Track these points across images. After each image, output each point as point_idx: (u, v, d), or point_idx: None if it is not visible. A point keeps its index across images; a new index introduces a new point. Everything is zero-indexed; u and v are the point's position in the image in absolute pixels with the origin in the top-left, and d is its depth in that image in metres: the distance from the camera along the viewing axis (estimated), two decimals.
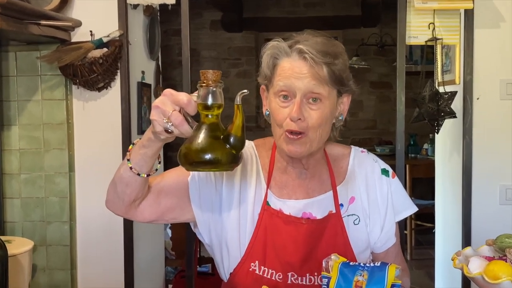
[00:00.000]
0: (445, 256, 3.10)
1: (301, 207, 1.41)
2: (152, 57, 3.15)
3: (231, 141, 1.08)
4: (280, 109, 1.33)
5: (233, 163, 1.10)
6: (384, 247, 1.48)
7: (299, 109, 1.29)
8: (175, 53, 6.40)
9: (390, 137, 6.34)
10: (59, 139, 2.75)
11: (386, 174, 1.48)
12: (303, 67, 1.29)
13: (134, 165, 1.23)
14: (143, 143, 1.21)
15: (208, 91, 1.05)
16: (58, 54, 2.59)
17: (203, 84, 1.06)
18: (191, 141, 1.08)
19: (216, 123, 1.08)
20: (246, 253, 1.39)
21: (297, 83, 1.29)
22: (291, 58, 1.31)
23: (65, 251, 2.76)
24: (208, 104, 1.06)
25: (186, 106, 1.07)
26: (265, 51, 1.36)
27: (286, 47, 1.32)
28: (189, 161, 1.08)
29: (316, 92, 1.29)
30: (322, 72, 1.29)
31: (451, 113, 2.58)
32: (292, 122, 1.30)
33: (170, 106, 1.08)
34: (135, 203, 1.35)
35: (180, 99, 1.07)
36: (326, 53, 1.29)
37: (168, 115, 1.07)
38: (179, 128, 1.08)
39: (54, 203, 2.76)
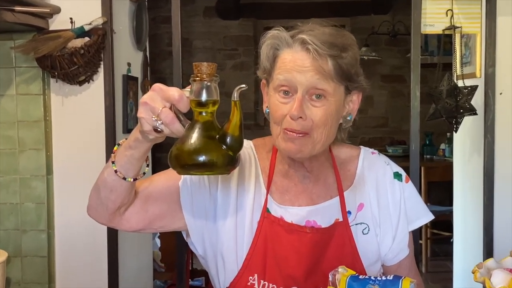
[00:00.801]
0: (464, 268, 3.09)
1: (304, 215, 1.41)
2: (139, 48, 3.14)
3: (227, 141, 1.08)
4: (279, 105, 1.32)
5: (229, 165, 1.10)
6: (396, 259, 1.48)
7: (300, 106, 1.28)
8: (164, 43, 6.40)
9: (403, 137, 6.35)
10: (35, 139, 2.74)
11: (399, 178, 1.48)
12: (305, 59, 1.28)
13: (119, 168, 1.23)
14: (129, 144, 1.20)
15: (202, 86, 1.05)
16: (35, 44, 2.59)
17: (196, 78, 1.06)
18: (183, 141, 1.07)
19: (210, 121, 1.08)
20: (244, 265, 1.39)
21: (299, 77, 1.28)
22: (293, 50, 1.31)
23: (42, 263, 2.76)
24: (202, 100, 1.06)
25: (178, 103, 1.07)
26: (264, 41, 1.36)
27: (287, 37, 1.31)
28: (180, 164, 1.08)
29: (319, 87, 1.29)
30: (326, 65, 1.29)
31: (471, 109, 2.58)
32: (292, 121, 1.30)
33: (160, 102, 1.07)
34: (120, 210, 1.35)
35: (170, 95, 1.07)
36: (332, 45, 1.29)
37: (158, 113, 1.07)
38: (169, 127, 1.08)
39: (30, 209, 2.75)
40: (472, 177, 2.90)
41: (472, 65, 2.72)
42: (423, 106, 2.62)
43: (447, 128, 5.02)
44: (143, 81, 3.17)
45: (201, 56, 6.62)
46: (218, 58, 6.65)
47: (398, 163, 1.54)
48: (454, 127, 2.62)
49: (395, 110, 6.62)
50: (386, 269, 1.49)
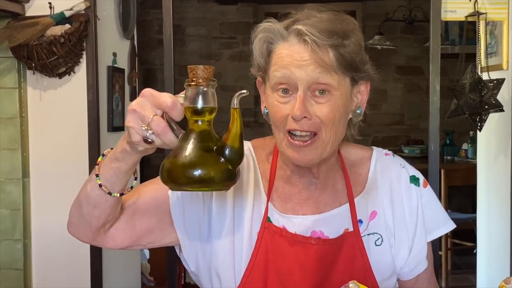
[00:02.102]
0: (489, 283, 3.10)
1: (309, 225, 1.40)
2: (126, 36, 3.14)
3: (226, 153, 1.07)
4: (279, 105, 1.31)
5: (228, 180, 1.08)
6: (413, 273, 1.47)
7: (303, 105, 1.27)
8: (154, 30, 6.40)
9: (420, 136, 6.35)
10: (10, 137, 2.75)
11: (416, 182, 1.48)
12: (303, 52, 1.27)
13: (104, 182, 1.22)
14: (115, 155, 1.19)
15: (198, 91, 1.04)
16: (9, 32, 2.59)
17: (191, 83, 1.05)
18: (176, 153, 1.06)
19: (207, 130, 1.07)
20: (243, 282, 1.38)
21: (298, 72, 1.27)
22: (288, 42, 1.29)
23: (17, 276, 2.76)
24: (197, 107, 1.05)
25: (171, 110, 1.05)
26: (256, 35, 1.34)
27: (281, 29, 1.30)
28: (173, 179, 1.07)
29: (322, 82, 1.28)
30: (327, 57, 1.27)
31: (497, 105, 2.58)
32: (295, 122, 1.29)
33: (150, 109, 1.06)
34: (105, 227, 1.34)
35: (162, 101, 1.05)
36: (332, 33, 1.28)
37: (148, 121, 1.05)
38: (161, 137, 1.06)
39: (4, 216, 2.76)
40: (498, 180, 2.90)
41: (498, 56, 2.71)
42: (443, 101, 2.61)
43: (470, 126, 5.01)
44: (130, 73, 3.17)
45: (194, 45, 6.63)
46: (214, 47, 6.65)
47: (415, 165, 1.53)
48: (478, 125, 2.62)
49: (411, 105, 6.62)
50: (402, 285, 1.49)
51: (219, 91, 1.09)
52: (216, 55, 6.66)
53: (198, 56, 6.63)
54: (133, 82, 3.19)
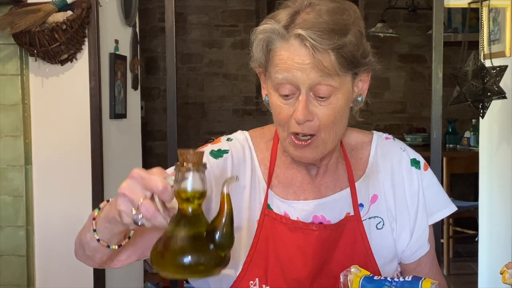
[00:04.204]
0: (491, 269, 3.11)
1: (311, 210, 1.41)
2: (128, 23, 3.14)
3: (216, 238, 1.04)
4: (282, 106, 1.32)
5: (219, 266, 1.06)
6: (415, 256, 1.48)
7: (305, 109, 1.28)
8: (156, 18, 6.39)
9: (423, 124, 6.35)
10: (12, 124, 2.75)
11: (416, 165, 1.48)
12: (304, 55, 1.27)
13: (101, 237, 1.19)
14: (108, 218, 1.15)
15: (188, 176, 1.02)
16: (11, 18, 2.59)
17: (182, 167, 1.03)
18: (165, 238, 1.04)
19: (197, 214, 1.05)
20: (244, 269, 1.39)
21: (300, 75, 1.27)
22: (288, 44, 1.28)
23: (20, 262, 2.77)
24: (188, 191, 1.03)
25: (161, 194, 1.02)
26: (255, 36, 1.34)
27: (281, 30, 1.29)
28: (163, 265, 1.04)
29: (324, 84, 1.28)
30: (328, 60, 1.27)
31: (500, 92, 2.58)
32: (298, 125, 1.30)
33: (140, 193, 1.02)
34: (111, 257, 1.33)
35: (153, 186, 1.02)
36: (332, 32, 1.26)
37: (138, 205, 1.02)
38: (151, 221, 1.03)
39: (7, 203, 2.76)
40: (500, 168, 2.90)
41: (501, 43, 2.71)
42: (446, 89, 2.61)
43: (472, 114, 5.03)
44: (132, 60, 3.17)
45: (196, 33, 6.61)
46: (215, 35, 6.64)
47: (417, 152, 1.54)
48: (480, 113, 2.62)
49: (414, 94, 6.62)
50: (404, 268, 1.49)
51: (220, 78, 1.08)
52: (218, 43, 6.64)
53: (201, 44, 6.63)
54: (135, 69, 3.19)
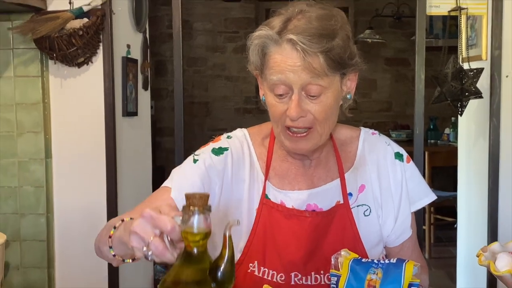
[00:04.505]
0: (468, 253, 3.10)
1: (305, 198, 1.41)
2: (139, 29, 3.13)
3: (218, 276, 1.04)
4: (276, 104, 1.33)
5: None
6: (399, 240, 1.48)
7: (298, 107, 1.29)
8: (164, 25, 6.38)
9: (407, 121, 6.35)
10: (34, 121, 2.74)
11: (400, 158, 1.49)
12: (295, 58, 1.27)
13: (116, 253, 1.20)
14: (121, 241, 1.15)
15: (194, 218, 1.02)
16: (33, 25, 2.58)
17: (188, 209, 1.03)
18: (173, 273, 1.04)
19: (202, 252, 1.05)
20: (244, 253, 1.40)
21: (292, 76, 1.28)
22: (281, 48, 1.29)
23: (41, 247, 2.77)
24: (194, 232, 1.02)
25: (169, 233, 1.02)
26: (251, 41, 1.34)
27: (274, 35, 1.29)
28: None
29: (314, 84, 1.29)
30: (317, 62, 1.27)
31: (476, 92, 2.58)
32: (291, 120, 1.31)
33: (150, 231, 1.02)
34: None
35: (162, 226, 1.01)
36: (321, 36, 1.27)
37: (148, 242, 1.02)
38: (160, 258, 1.03)
39: (29, 193, 2.76)
40: (477, 161, 2.90)
41: (478, 48, 2.71)
42: (427, 90, 2.61)
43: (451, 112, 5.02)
44: (143, 63, 3.16)
45: (201, 39, 6.60)
46: (218, 41, 6.63)
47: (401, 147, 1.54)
48: (459, 111, 2.61)
49: (399, 94, 6.62)
50: (389, 251, 1.50)
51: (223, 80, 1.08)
52: (221, 48, 6.64)
53: (205, 48, 6.62)
54: (145, 72, 3.18)
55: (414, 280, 1.19)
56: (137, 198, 3.04)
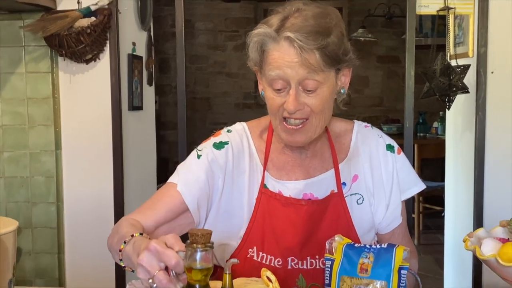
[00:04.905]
0: (455, 240, 3.11)
1: (301, 188, 1.41)
2: (144, 28, 3.12)
3: None
4: (274, 98, 1.33)
5: None
6: (390, 227, 1.48)
7: (295, 101, 1.29)
8: (168, 24, 6.36)
9: (397, 115, 6.35)
10: (44, 115, 2.74)
11: (391, 150, 1.48)
12: (293, 55, 1.27)
13: (126, 265, 1.19)
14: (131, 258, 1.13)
15: (197, 254, 1.01)
16: (43, 24, 2.57)
17: (192, 245, 1.02)
18: None
19: (204, 286, 1.04)
20: (244, 239, 1.40)
21: (290, 72, 1.28)
22: (279, 45, 1.29)
23: (51, 234, 2.77)
24: (196, 268, 1.02)
25: (174, 268, 1.02)
26: (251, 39, 1.34)
27: (272, 33, 1.29)
28: None
29: (311, 79, 1.29)
30: (314, 58, 1.27)
31: (463, 88, 2.57)
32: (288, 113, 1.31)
33: (156, 265, 1.02)
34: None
35: (167, 260, 1.01)
36: (317, 34, 1.27)
37: (153, 275, 1.01)
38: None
39: (40, 183, 2.76)
40: (464, 153, 2.90)
41: (465, 45, 2.70)
42: (417, 86, 2.61)
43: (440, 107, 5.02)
44: (148, 60, 3.16)
45: (203, 37, 6.59)
46: (219, 40, 6.61)
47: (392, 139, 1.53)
48: (447, 105, 2.61)
49: (390, 90, 6.61)
50: (380, 237, 1.50)
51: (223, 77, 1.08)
52: (222, 46, 6.62)
53: (206, 47, 6.60)
54: (150, 68, 3.17)
55: (404, 264, 1.19)
56: (142, 187, 3.05)
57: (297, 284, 1.39)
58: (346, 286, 1.20)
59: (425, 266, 4.42)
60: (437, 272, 4.14)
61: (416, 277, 1.29)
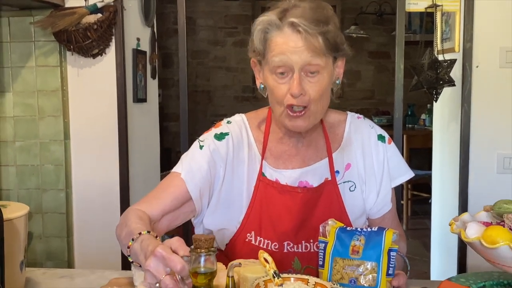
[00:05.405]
0: (441, 225, 3.12)
1: (297, 176, 1.41)
2: (147, 24, 3.11)
3: None
4: (278, 86, 1.31)
5: None
6: (380, 212, 1.48)
7: (299, 85, 1.28)
8: (170, 21, 6.34)
9: (387, 108, 6.34)
10: (53, 107, 2.73)
11: (382, 140, 1.48)
12: (298, 40, 1.27)
13: (134, 260, 1.18)
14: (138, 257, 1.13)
15: (200, 258, 1.02)
16: (52, 20, 2.56)
17: (196, 250, 1.02)
18: None
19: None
20: (242, 224, 1.40)
21: (293, 57, 1.27)
22: (283, 32, 1.29)
23: (61, 219, 2.77)
24: (200, 272, 1.02)
25: (180, 273, 1.00)
26: (255, 27, 1.33)
27: (276, 20, 1.29)
28: None
29: (313, 63, 1.28)
30: (317, 42, 1.27)
31: (450, 81, 2.57)
32: (293, 98, 1.30)
33: (162, 270, 1.00)
34: None
35: (172, 266, 0.99)
36: (318, 21, 1.27)
37: (160, 280, 1.00)
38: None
39: (50, 170, 2.76)
40: (450, 143, 2.90)
41: (452, 41, 2.70)
42: (406, 80, 2.61)
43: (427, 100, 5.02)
44: (151, 55, 3.15)
45: (204, 34, 6.56)
46: (219, 36, 6.59)
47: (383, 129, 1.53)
48: (434, 97, 2.61)
49: (380, 84, 6.60)
50: (371, 222, 1.50)
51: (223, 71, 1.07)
52: (221, 42, 6.60)
53: (207, 42, 6.58)
54: (153, 62, 3.16)
55: (393, 246, 1.19)
56: (147, 175, 3.05)
57: (292, 267, 1.39)
58: (338, 267, 1.21)
59: (413, 249, 4.44)
60: (424, 255, 4.16)
61: (404, 259, 1.29)
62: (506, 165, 2.57)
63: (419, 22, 5.76)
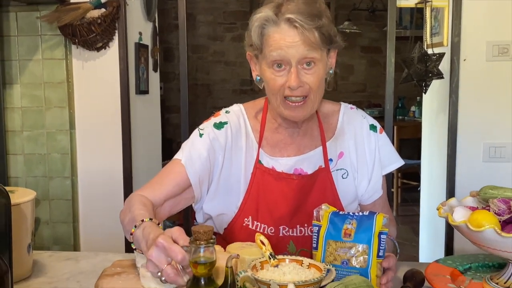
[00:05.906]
0: (429, 212, 3.13)
1: (292, 164, 1.41)
2: (149, 19, 3.10)
3: None
4: (275, 78, 1.31)
5: None
6: (371, 199, 1.48)
7: (297, 78, 1.28)
8: (171, 16, 6.31)
9: (379, 100, 6.34)
10: (59, 98, 2.72)
11: (374, 129, 1.48)
12: (294, 35, 1.26)
13: (136, 247, 1.17)
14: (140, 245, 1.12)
15: (200, 249, 1.00)
16: (58, 14, 2.55)
17: (195, 242, 1.00)
18: None
19: (207, 278, 1.02)
20: (240, 209, 1.40)
21: (290, 51, 1.27)
22: (279, 27, 1.28)
23: (67, 205, 2.77)
24: (199, 262, 1.00)
25: (180, 262, 0.99)
26: (253, 24, 1.32)
27: (273, 16, 1.28)
28: None
29: (310, 56, 1.28)
30: (313, 37, 1.27)
31: (438, 74, 2.57)
32: (290, 90, 1.29)
33: (164, 260, 1.00)
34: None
35: (173, 256, 0.99)
36: (313, 16, 1.27)
37: (162, 269, 1.00)
38: (172, 283, 1.02)
39: (56, 159, 2.75)
40: (438, 133, 2.91)
41: (440, 35, 2.70)
42: (396, 74, 2.61)
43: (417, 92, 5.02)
44: (153, 49, 3.13)
45: (203, 29, 6.54)
46: (218, 31, 6.57)
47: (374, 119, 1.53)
48: (423, 89, 2.61)
49: (372, 77, 6.59)
50: (363, 208, 1.49)
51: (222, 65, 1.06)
52: (221, 37, 6.58)
53: (206, 37, 6.56)
54: (155, 56, 3.15)
55: (383, 229, 1.20)
56: (149, 164, 3.04)
57: (287, 250, 1.39)
58: (331, 249, 1.21)
59: (403, 235, 4.45)
60: (413, 240, 4.17)
61: (394, 242, 1.30)
62: (491, 154, 2.58)
63: (409, 18, 5.75)
